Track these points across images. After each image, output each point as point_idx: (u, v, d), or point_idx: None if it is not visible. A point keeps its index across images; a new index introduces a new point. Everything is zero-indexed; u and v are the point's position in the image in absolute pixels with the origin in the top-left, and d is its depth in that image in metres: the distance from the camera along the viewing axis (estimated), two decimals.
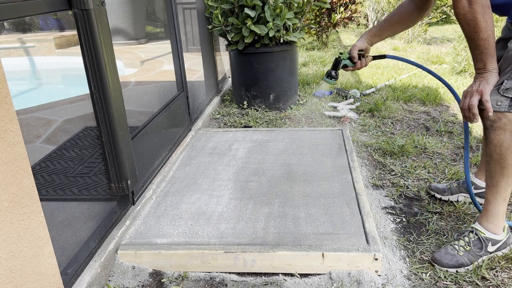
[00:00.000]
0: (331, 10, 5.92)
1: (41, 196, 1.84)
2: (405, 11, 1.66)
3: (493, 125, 1.38)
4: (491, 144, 1.41)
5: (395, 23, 1.69)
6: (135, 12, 5.60)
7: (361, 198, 1.79)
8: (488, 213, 1.51)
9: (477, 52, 1.35)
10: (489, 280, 1.45)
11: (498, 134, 1.38)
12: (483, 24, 1.28)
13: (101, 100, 1.58)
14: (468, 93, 1.40)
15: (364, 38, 1.70)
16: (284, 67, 3.26)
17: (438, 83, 3.96)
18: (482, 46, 1.32)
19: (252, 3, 2.93)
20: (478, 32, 1.29)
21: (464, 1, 1.28)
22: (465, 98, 1.41)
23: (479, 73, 1.38)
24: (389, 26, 1.69)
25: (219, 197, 1.87)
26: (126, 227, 1.65)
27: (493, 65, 1.36)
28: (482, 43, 1.31)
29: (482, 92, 1.36)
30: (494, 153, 1.41)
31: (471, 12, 1.28)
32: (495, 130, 1.39)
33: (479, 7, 1.27)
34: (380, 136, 2.73)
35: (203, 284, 1.48)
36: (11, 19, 1.15)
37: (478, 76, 1.39)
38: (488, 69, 1.36)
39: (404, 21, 1.67)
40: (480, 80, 1.38)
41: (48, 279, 1.12)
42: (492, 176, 1.45)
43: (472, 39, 1.32)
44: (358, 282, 1.43)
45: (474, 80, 1.40)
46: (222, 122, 3.15)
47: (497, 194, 1.46)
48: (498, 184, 1.44)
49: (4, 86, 0.94)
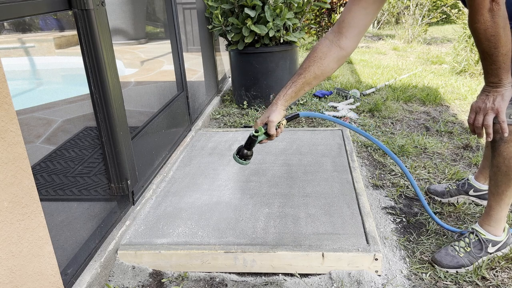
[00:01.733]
0: (331, 10, 5.92)
1: (41, 196, 1.84)
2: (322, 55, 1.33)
3: (504, 138, 1.34)
4: (500, 156, 1.37)
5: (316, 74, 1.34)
6: (135, 12, 5.59)
7: (361, 198, 1.79)
8: (490, 218, 1.50)
9: (494, 68, 1.21)
10: (489, 280, 1.45)
11: (509, 147, 1.34)
12: (504, 39, 1.15)
13: (101, 100, 1.58)
14: (481, 110, 1.26)
15: (279, 109, 1.36)
16: (284, 67, 3.26)
17: (438, 83, 3.96)
18: (501, 61, 1.19)
19: (252, 3, 2.93)
20: (499, 47, 1.16)
21: (486, 14, 1.12)
22: (477, 114, 1.27)
23: (492, 87, 1.25)
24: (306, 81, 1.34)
25: (219, 197, 1.87)
26: (126, 227, 1.65)
27: (509, 79, 1.23)
28: (501, 58, 1.18)
29: (499, 111, 1.24)
30: (502, 165, 1.38)
31: (493, 27, 1.13)
32: (505, 143, 1.34)
33: (502, 20, 1.13)
34: (380, 136, 2.73)
35: (203, 284, 1.48)
36: (11, 19, 1.15)
37: (491, 90, 1.25)
38: (504, 84, 1.23)
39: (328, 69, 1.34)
40: (494, 95, 1.24)
41: (48, 279, 1.12)
42: (498, 185, 1.43)
43: (491, 55, 1.18)
44: (358, 282, 1.43)
45: (486, 94, 1.26)
46: (222, 122, 3.14)
47: (501, 201, 1.46)
48: (503, 193, 1.43)
49: (4, 86, 0.94)
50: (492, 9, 1.12)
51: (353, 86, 3.96)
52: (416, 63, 5.06)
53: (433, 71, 4.53)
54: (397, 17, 7.73)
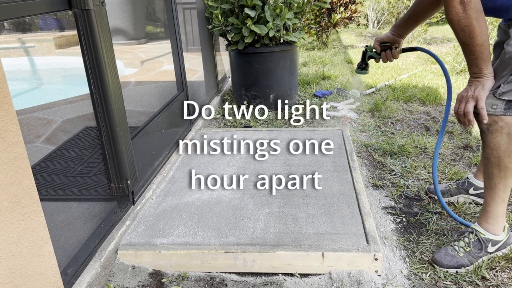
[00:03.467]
0: (331, 10, 5.92)
1: (41, 196, 1.83)
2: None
3: (490, 128, 1.38)
4: (488, 147, 1.40)
5: (417, 10, 1.61)
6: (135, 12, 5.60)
7: (361, 198, 1.79)
8: (487, 215, 1.51)
9: (473, 58, 1.31)
10: (489, 280, 1.45)
11: (495, 137, 1.37)
12: (478, 30, 1.25)
13: (101, 100, 1.58)
14: (464, 98, 1.37)
15: (390, 31, 1.68)
16: (284, 67, 3.26)
17: (438, 83, 3.96)
18: (478, 52, 1.29)
19: (252, 3, 2.93)
20: (474, 37, 1.26)
21: (458, 6, 1.24)
22: (460, 103, 1.38)
23: (474, 77, 1.35)
24: (411, 14, 1.63)
25: (219, 197, 1.87)
26: (126, 227, 1.65)
27: (489, 69, 1.33)
28: (478, 48, 1.28)
29: (478, 98, 1.33)
30: (491, 156, 1.40)
31: (466, 18, 1.24)
32: (492, 133, 1.38)
33: (473, 12, 1.23)
34: (380, 136, 2.73)
35: (203, 284, 1.48)
36: (11, 19, 1.15)
37: (473, 80, 1.36)
38: (484, 74, 1.33)
39: (425, 7, 1.59)
40: (476, 84, 1.35)
41: (48, 279, 1.12)
42: (490, 178, 1.45)
43: (468, 45, 1.29)
44: (358, 282, 1.43)
45: (469, 84, 1.37)
46: (222, 122, 3.14)
47: (495, 195, 1.46)
48: (496, 186, 1.44)
49: (4, 86, 0.94)
50: (462, 1, 1.23)
51: (353, 86, 3.96)
52: (416, 63, 5.06)
53: (433, 71, 4.53)
54: (397, 17, 7.73)
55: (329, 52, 5.97)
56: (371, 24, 8.05)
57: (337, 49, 6.17)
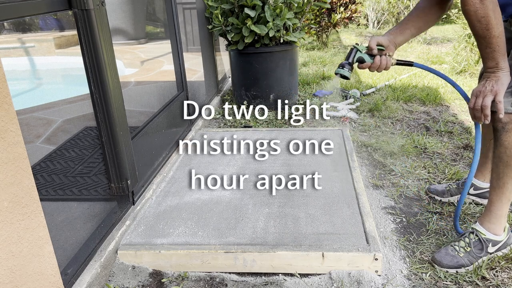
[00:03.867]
0: (331, 10, 5.92)
1: (41, 196, 1.83)
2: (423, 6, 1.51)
3: (505, 127, 1.36)
4: (502, 146, 1.38)
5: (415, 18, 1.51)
6: (135, 12, 5.60)
7: (361, 198, 1.79)
8: (491, 214, 1.50)
9: (489, 51, 1.28)
10: (489, 280, 1.45)
11: (510, 136, 1.36)
12: (495, 21, 1.22)
13: (101, 100, 1.58)
14: (481, 92, 1.33)
15: (386, 35, 1.50)
16: (284, 67, 3.26)
17: (438, 83, 3.96)
18: (495, 44, 1.26)
19: (252, 3, 2.93)
20: (490, 29, 1.24)
21: None
22: (477, 97, 1.34)
23: (491, 72, 1.32)
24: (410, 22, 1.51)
25: (219, 197, 1.87)
26: (126, 227, 1.65)
27: (505, 63, 1.30)
28: (494, 40, 1.25)
29: (497, 92, 1.30)
30: (504, 155, 1.39)
31: (483, 9, 1.22)
32: (507, 132, 1.36)
33: (490, 3, 1.21)
34: (380, 136, 2.73)
35: (203, 284, 1.48)
36: (11, 19, 1.15)
37: (489, 75, 1.32)
38: (501, 68, 1.30)
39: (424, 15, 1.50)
40: (493, 79, 1.31)
41: (48, 279, 1.12)
42: (500, 177, 1.43)
43: (484, 37, 1.26)
44: (358, 282, 1.43)
45: (486, 79, 1.33)
46: (222, 122, 3.15)
47: (502, 195, 1.45)
48: (504, 186, 1.43)
49: (4, 86, 0.94)
50: None
51: (353, 86, 3.96)
52: None
53: None
54: (397, 17, 7.73)
55: (329, 52, 5.97)
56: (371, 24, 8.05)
57: (337, 49, 6.17)
